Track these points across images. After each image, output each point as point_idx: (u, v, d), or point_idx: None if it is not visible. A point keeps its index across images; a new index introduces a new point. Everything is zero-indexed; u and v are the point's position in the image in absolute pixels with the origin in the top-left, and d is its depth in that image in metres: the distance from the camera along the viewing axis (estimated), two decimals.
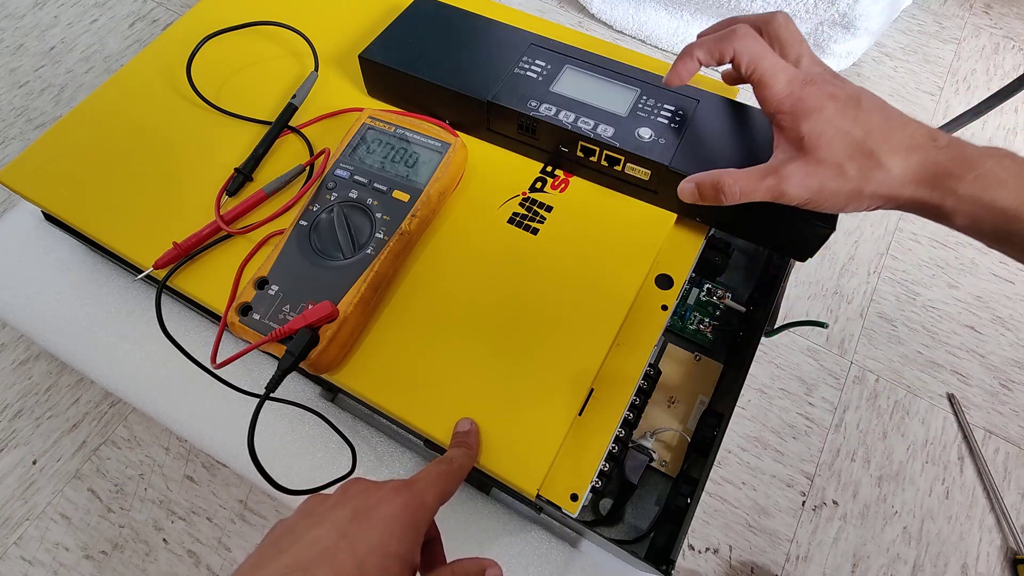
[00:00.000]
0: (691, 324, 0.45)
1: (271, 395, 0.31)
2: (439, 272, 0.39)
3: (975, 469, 0.62)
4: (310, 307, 0.34)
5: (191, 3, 0.90)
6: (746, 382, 0.38)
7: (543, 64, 0.44)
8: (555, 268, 0.39)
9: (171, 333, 0.36)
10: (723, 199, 0.30)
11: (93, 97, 0.48)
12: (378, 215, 0.37)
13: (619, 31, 0.89)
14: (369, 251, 0.36)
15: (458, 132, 0.45)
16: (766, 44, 0.30)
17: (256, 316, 0.34)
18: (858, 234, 0.75)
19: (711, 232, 0.44)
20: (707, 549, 0.58)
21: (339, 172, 0.39)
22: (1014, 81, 0.62)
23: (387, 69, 0.44)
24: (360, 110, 0.45)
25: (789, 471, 0.61)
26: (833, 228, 0.36)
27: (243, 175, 0.42)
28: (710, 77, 0.43)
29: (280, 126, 0.44)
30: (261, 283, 0.35)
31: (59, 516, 0.60)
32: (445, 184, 0.40)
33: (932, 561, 0.58)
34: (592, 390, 0.36)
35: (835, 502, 0.60)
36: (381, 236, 0.37)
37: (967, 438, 0.63)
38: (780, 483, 0.61)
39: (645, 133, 0.41)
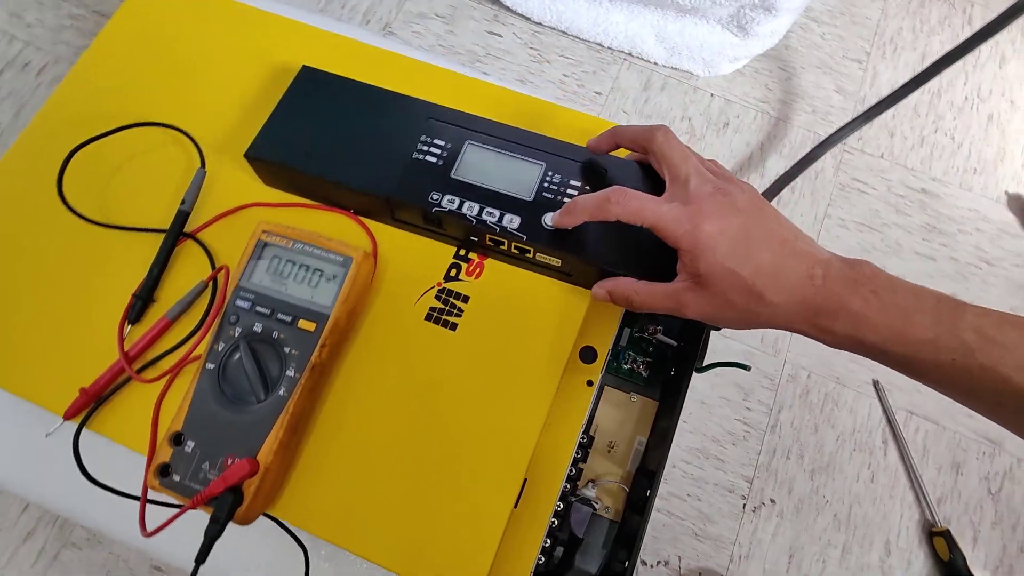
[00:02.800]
0: (625, 363, 0.47)
1: (202, 563, 0.32)
2: (360, 386, 0.40)
3: (897, 451, 0.68)
4: (230, 462, 0.34)
5: (62, 40, 0.80)
6: (687, 395, 0.41)
7: (443, 144, 0.42)
8: (478, 363, 0.40)
9: (96, 478, 0.36)
10: (632, 308, 0.35)
11: None
12: (286, 349, 0.37)
13: (537, 23, 0.84)
14: (282, 392, 0.36)
15: (364, 220, 0.43)
16: (638, 196, 0.32)
17: (176, 477, 0.35)
18: None
19: None
20: (658, 563, 0.63)
21: (240, 303, 0.38)
22: (929, 66, 0.63)
23: (277, 166, 0.42)
24: (257, 205, 0.43)
25: (730, 477, 0.66)
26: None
27: (143, 300, 0.40)
28: None
29: (174, 237, 0.42)
30: (177, 438, 0.36)
31: None
32: (352, 303, 0.39)
33: (859, 543, 0.65)
34: (525, 480, 0.37)
35: (772, 500, 0.66)
36: (292, 374, 0.36)
37: (890, 422, 0.69)
38: (722, 490, 0.66)
39: (551, 221, 0.40)
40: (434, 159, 0.41)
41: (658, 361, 0.46)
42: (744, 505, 0.66)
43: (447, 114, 0.43)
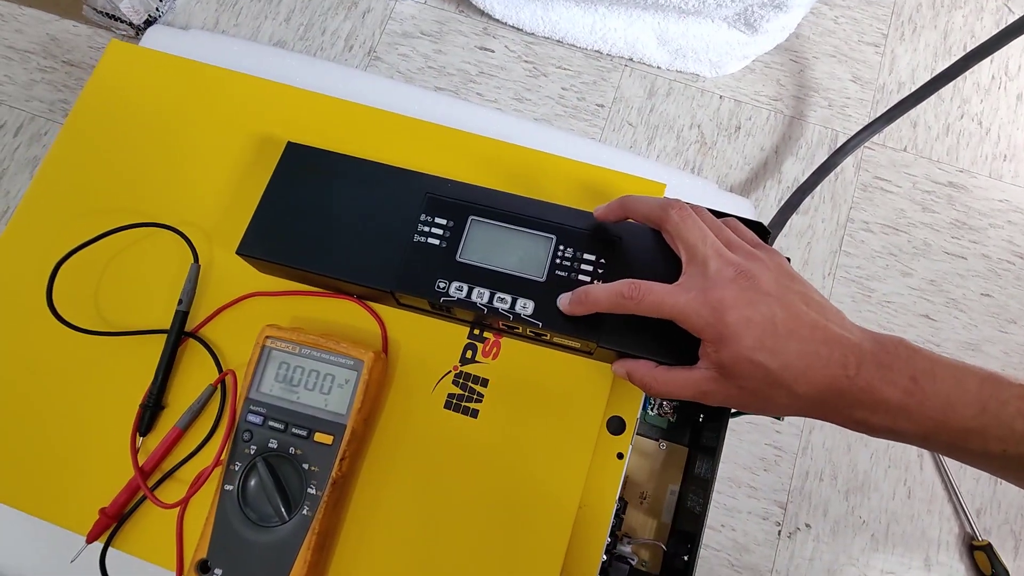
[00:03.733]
0: (651, 410, 0.45)
1: None
2: (383, 488, 0.39)
3: (933, 464, 0.66)
4: None
5: (34, 96, 0.76)
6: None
7: (444, 222, 0.40)
8: (504, 451, 0.39)
9: None
10: (650, 394, 0.35)
11: None
12: (304, 466, 0.36)
13: (530, 33, 0.79)
14: (305, 511, 0.35)
15: (370, 304, 0.41)
16: (652, 289, 0.31)
17: None
18: (810, 235, 0.74)
19: None
20: None
21: (251, 418, 0.37)
22: (950, 67, 0.59)
23: (271, 264, 0.39)
24: (257, 295, 0.41)
25: (763, 504, 0.65)
26: None
27: (151, 409, 0.39)
28: None
29: (175, 339, 0.40)
30: (203, 567, 0.36)
31: None
32: (368, 409, 0.38)
33: (898, 561, 0.64)
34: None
35: (808, 525, 0.65)
36: (313, 492, 0.35)
37: None
38: (756, 517, 0.65)
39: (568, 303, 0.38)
40: (436, 240, 0.39)
41: (684, 404, 0.45)
42: (779, 532, 0.65)
43: (446, 187, 0.41)
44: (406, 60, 0.79)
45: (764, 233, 0.46)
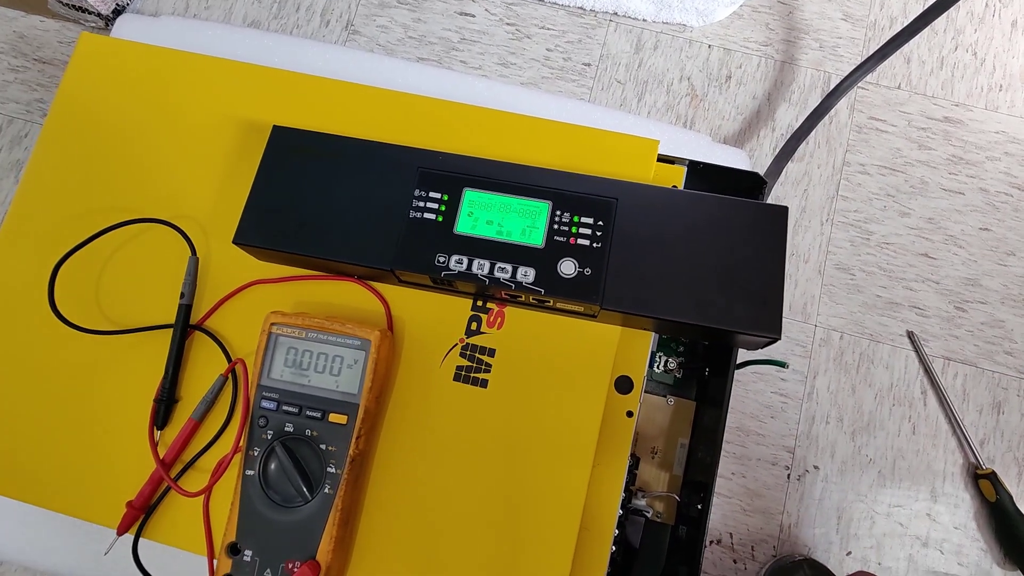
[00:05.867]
0: (658, 367, 0.46)
1: None
2: (399, 463, 0.41)
3: (937, 399, 0.68)
4: (291, 567, 0.35)
5: (9, 98, 0.75)
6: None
7: (438, 196, 0.40)
8: (516, 417, 0.40)
9: None
10: None
11: None
12: (322, 446, 0.37)
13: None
14: (327, 490, 0.36)
15: (372, 284, 0.41)
16: None
17: None
18: (806, 182, 0.74)
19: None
20: (711, 542, 0.65)
21: (265, 404, 0.38)
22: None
23: (269, 251, 0.39)
24: (258, 283, 0.41)
25: (772, 450, 0.66)
26: (778, 337, 0.37)
27: (165, 403, 0.40)
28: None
29: (181, 333, 0.41)
30: (233, 548, 0.36)
31: None
32: (379, 387, 0.38)
33: (905, 494, 0.66)
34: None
35: (816, 467, 0.66)
36: (333, 470, 0.36)
37: (928, 371, 0.68)
38: (765, 464, 0.66)
39: (568, 268, 0.38)
40: (432, 215, 0.39)
41: (690, 359, 0.46)
42: (788, 475, 0.66)
43: (437, 160, 0.40)
44: (385, 32, 0.77)
45: (760, 183, 0.45)
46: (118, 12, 0.74)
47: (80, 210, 0.43)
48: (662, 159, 0.43)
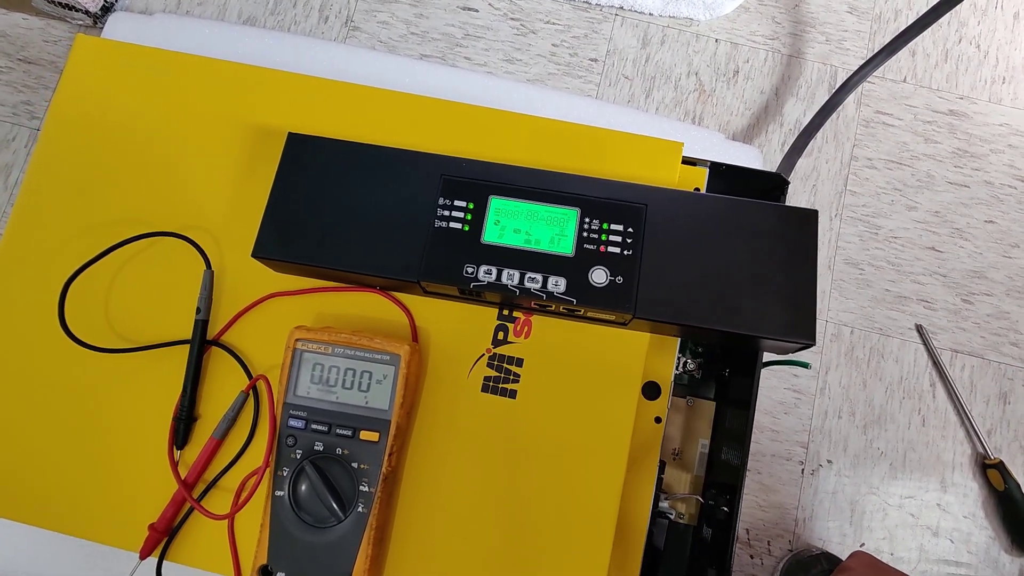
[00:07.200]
0: (677, 368, 0.46)
1: None
2: (430, 478, 0.40)
3: (945, 391, 0.68)
4: None
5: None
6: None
7: (464, 204, 0.39)
8: (546, 428, 0.40)
9: None
10: None
11: None
12: (354, 464, 0.36)
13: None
14: (360, 509, 0.35)
15: (395, 295, 0.40)
16: None
17: None
18: (815, 177, 0.73)
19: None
20: None
21: (293, 423, 0.36)
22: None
23: (289, 264, 0.38)
24: (276, 295, 0.40)
25: (786, 446, 0.67)
26: (813, 343, 0.37)
27: (184, 422, 0.39)
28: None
29: (199, 349, 0.39)
30: (265, 572, 0.35)
31: None
32: (410, 402, 0.37)
33: (916, 486, 0.66)
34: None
35: (829, 461, 0.67)
36: (366, 489, 0.35)
37: (936, 363, 0.69)
38: (780, 459, 0.67)
39: (600, 276, 0.38)
40: (458, 224, 0.38)
41: (708, 360, 0.45)
42: (803, 470, 0.67)
43: (461, 167, 0.39)
44: (386, 28, 0.75)
45: (783, 184, 0.44)
46: (107, 9, 0.71)
47: (84, 223, 0.41)
48: (684, 160, 0.43)
